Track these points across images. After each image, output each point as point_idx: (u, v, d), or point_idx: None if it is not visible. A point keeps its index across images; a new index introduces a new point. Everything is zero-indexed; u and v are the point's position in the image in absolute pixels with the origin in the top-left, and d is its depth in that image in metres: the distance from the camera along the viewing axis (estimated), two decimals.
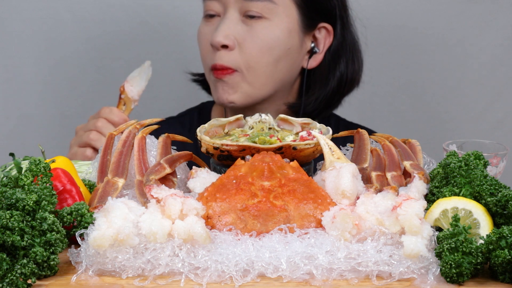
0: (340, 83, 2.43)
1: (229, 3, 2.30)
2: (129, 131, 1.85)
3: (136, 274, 1.51)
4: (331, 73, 2.42)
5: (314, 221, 1.61)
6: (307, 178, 1.68)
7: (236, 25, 2.30)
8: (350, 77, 2.44)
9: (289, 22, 2.32)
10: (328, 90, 2.41)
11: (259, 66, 2.31)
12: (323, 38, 2.40)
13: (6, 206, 1.53)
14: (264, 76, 2.33)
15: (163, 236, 1.52)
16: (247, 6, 2.29)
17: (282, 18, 2.31)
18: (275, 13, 2.30)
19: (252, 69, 2.31)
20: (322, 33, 2.39)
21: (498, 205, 1.63)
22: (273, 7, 2.30)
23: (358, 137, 1.91)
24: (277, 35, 2.31)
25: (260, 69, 2.32)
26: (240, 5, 2.29)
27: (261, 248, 1.53)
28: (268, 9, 2.29)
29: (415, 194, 1.68)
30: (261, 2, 2.29)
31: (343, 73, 2.42)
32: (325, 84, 2.41)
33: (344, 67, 2.43)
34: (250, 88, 2.32)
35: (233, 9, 2.30)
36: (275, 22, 2.31)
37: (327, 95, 2.41)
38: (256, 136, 1.87)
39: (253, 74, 2.32)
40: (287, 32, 2.32)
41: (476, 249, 1.50)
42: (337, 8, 2.39)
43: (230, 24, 2.30)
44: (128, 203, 1.59)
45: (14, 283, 1.44)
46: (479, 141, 1.98)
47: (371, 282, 1.50)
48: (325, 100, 2.42)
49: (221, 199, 1.63)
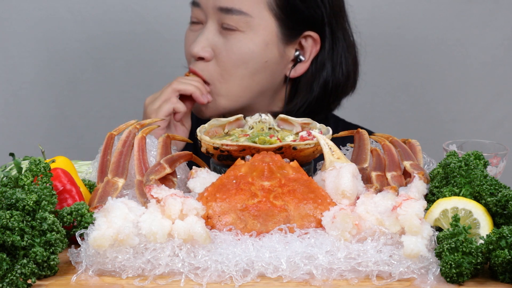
0: (325, 90, 2.38)
1: (209, 13, 2.29)
2: (129, 131, 1.85)
3: (136, 274, 1.51)
4: (316, 80, 2.39)
5: (314, 221, 1.61)
6: (307, 178, 1.68)
7: (214, 37, 2.29)
8: (336, 83, 2.39)
9: (265, 35, 2.29)
10: (313, 97, 2.38)
11: (233, 79, 2.30)
12: (309, 47, 2.35)
13: (6, 206, 1.53)
14: (240, 88, 2.32)
15: (163, 236, 1.52)
16: (223, 18, 2.27)
17: (258, 31, 2.28)
18: (251, 26, 2.28)
19: (226, 81, 2.30)
20: (308, 42, 2.35)
21: (498, 205, 1.63)
22: (248, 20, 2.27)
23: (358, 137, 1.91)
24: (251, 49, 2.28)
25: (235, 81, 2.31)
26: (218, 16, 2.28)
27: (261, 248, 1.53)
28: (243, 22, 2.27)
29: (415, 194, 1.68)
30: (237, 15, 2.26)
31: (327, 80, 2.37)
32: (309, 91, 2.38)
33: (330, 73, 2.38)
34: (226, 101, 2.32)
35: (211, 19, 2.29)
36: (250, 36, 2.28)
37: (312, 102, 2.38)
38: (256, 136, 1.87)
39: (227, 86, 2.31)
40: (263, 45, 2.29)
41: (476, 249, 1.50)
42: (324, 15, 2.35)
43: (209, 35, 2.29)
44: (128, 203, 1.59)
45: (14, 283, 1.45)
46: (479, 141, 1.98)
47: (371, 282, 1.50)
48: (310, 107, 2.38)
49: (221, 199, 1.63)
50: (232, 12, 2.26)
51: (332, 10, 2.36)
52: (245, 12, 2.26)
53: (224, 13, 2.27)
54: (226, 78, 2.30)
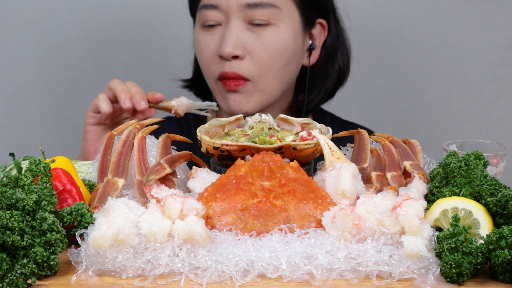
0: (340, 76, 2.45)
1: (232, 12, 2.27)
2: (129, 131, 1.85)
3: (136, 274, 1.51)
4: (330, 67, 2.43)
5: (314, 221, 1.61)
6: (307, 178, 1.68)
7: (243, 34, 2.28)
8: (346, 69, 2.46)
9: (293, 26, 2.32)
10: (329, 84, 2.42)
11: (271, 73, 2.31)
12: (318, 34, 2.41)
13: (6, 206, 1.53)
14: (275, 81, 2.32)
15: (163, 236, 1.52)
16: (252, 14, 2.27)
17: (287, 22, 2.30)
18: (281, 18, 2.29)
19: (264, 76, 2.30)
20: (317, 29, 2.40)
21: (498, 205, 1.63)
22: (278, 12, 2.28)
23: (358, 137, 1.91)
24: (286, 40, 2.30)
25: (272, 75, 2.31)
26: (244, 13, 2.27)
27: (261, 248, 1.53)
28: (273, 15, 2.28)
29: (415, 194, 1.68)
30: (267, 9, 2.27)
31: (341, 66, 2.44)
32: (325, 78, 2.42)
33: (341, 59, 2.44)
34: (262, 95, 2.32)
35: (236, 18, 2.27)
36: (282, 27, 2.30)
37: (328, 89, 2.43)
38: (256, 136, 1.87)
39: (265, 81, 2.31)
40: (293, 35, 2.32)
41: (476, 249, 1.50)
42: (328, 2, 2.41)
43: (237, 34, 2.27)
44: (128, 203, 1.59)
45: (14, 283, 1.44)
46: (479, 141, 1.98)
47: (371, 282, 1.50)
48: (327, 95, 2.43)
49: (221, 199, 1.63)
50: (262, 6, 2.27)
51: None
52: (274, 5, 2.28)
53: (253, 8, 2.26)
54: (264, 72, 2.30)
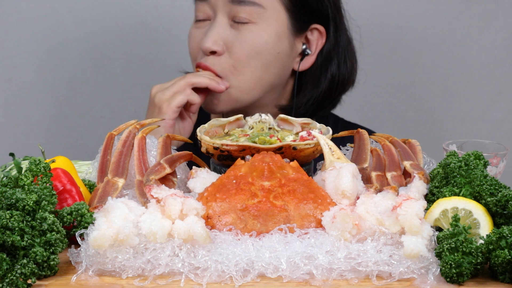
0: (332, 84, 2.41)
1: (218, 7, 2.29)
2: (129, 131, 1.85)
3: (136, 274, 1.51)
4: (323, 75, 2.41)
5: (314, 221, 1.61)
6: (307, 178, 1.68)
7: (224, 30, 2.29)
8: (342, 78, 2.43)
9: (277, 26, 2.31)
10: (320, 91, 2.40)
11: (247, 71, 2.30)
12: (315, 40, 2.39)
13: (6, 206, 1.53)
14: (252, 80, 2.32)
15: (163, 236, 1.52)
16: (236, 11, 2.28)
17: (271, 22, 2.30)
18: (264, 18, 2.29)
19: (239, 73, 2.30)
20: (314, 35, 2.38)
21: (498, 205, 1.63)
22: (261, 11, 2.28)
23: (358, 137, 1.91)
24: (265, 40, 2.29)
25: (248, 73, 2.31)
26: (228, 9, 2.28)
27: (261, 248, 1.53)
28: (256, 14, 2.28)
29: (415, 194, 1.68)
30: (250, 6, 2.27)
31: (334, 75, 2.41)
32: (317, 85, 2.40)
33: (335, 68, 2.41)
34: (236, 91, 2.32)
35: (222, 13, 2.29)
36: (263, 27, 2.29)
37: (319, 96, 2.41)
38: (256, 136, 1.87)
39: (240, 78, 2.31)
40: (276, 37, 2.31)
41: (476, 249, 1.50)
42: (329, 9, 2.38)
43: (219, 29, 2.29)
44: (128, 203, 1.59)
45: (14, 283, 1.44)
46: (479, 141, 1.98)
47: (371, 282, 1.50)
48: (317, 102, 2.41)
49: (221, 199, 1.63)
50: (245, 4, 2.27)
51: (335, 4, 2.40)
52: (258, 3, 2.28)
53: (237, 5, 2.27)
54: (239, 70, 2.30)
